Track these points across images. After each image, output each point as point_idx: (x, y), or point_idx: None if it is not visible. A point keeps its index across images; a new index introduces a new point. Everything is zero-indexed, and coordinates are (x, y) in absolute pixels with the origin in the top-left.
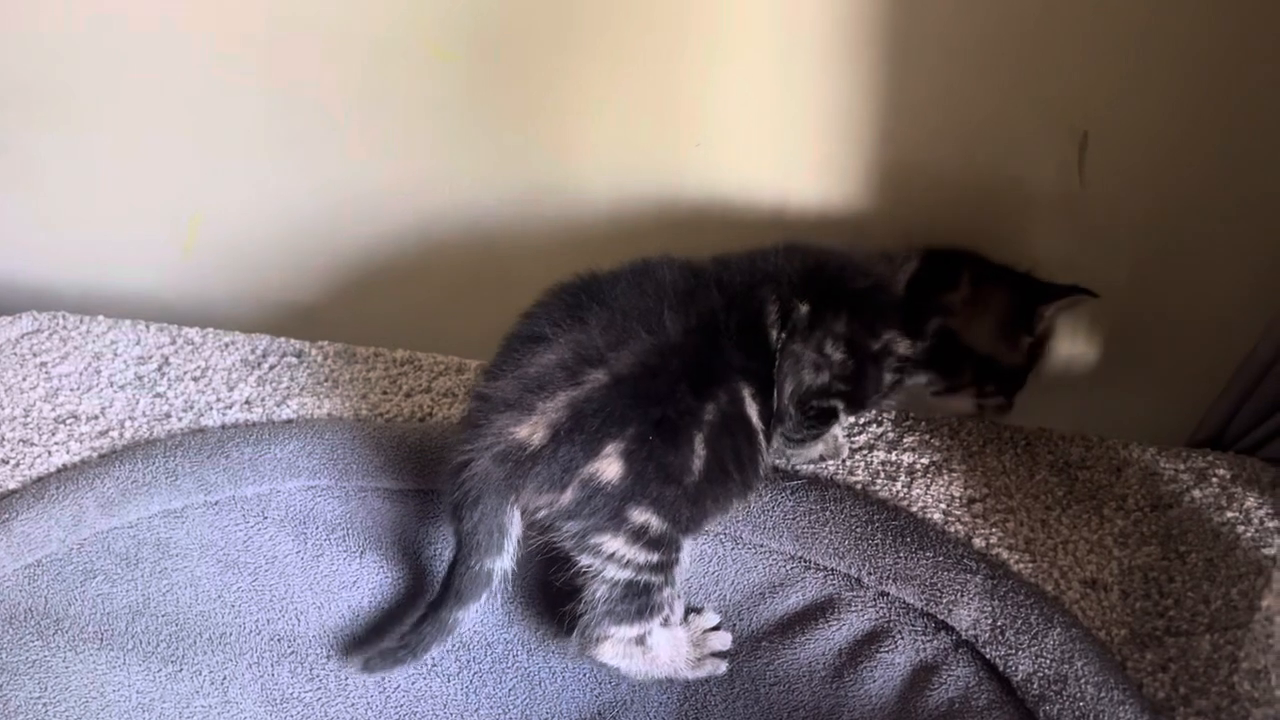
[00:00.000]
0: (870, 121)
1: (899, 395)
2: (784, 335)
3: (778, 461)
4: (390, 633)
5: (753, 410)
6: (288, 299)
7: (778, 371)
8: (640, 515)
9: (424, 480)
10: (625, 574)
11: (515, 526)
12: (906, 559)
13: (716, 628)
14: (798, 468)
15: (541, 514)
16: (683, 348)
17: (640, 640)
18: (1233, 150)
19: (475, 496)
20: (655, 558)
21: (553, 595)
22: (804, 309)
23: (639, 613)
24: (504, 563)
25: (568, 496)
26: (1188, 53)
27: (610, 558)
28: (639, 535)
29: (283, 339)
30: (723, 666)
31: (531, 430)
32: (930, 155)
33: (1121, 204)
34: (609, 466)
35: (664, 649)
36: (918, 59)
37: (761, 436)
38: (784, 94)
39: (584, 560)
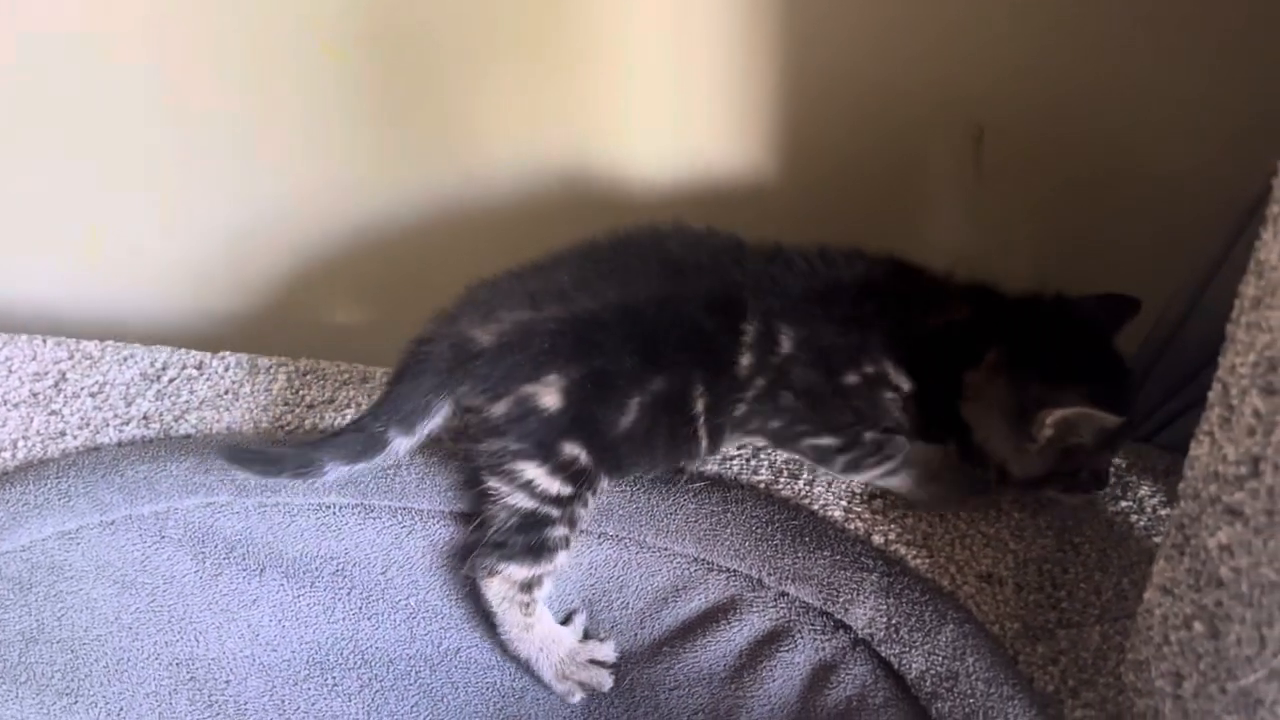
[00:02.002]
0: (772, 101)
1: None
2: (755, 365)
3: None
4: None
5: (698, 405)
6: (191, 307)
7: (747, 410)
8: (572, 449)
9: (323, 494)
10: (529, 504)
11: (436, 418)
12: (805, 558)
13: (609, 666)
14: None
15: (471, 423)
16: (641, 317)
17: (528, 589)
18: (1127, 144)
19: (419, 370)
20: (568, 490)
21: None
22: (786, 345)
23: (527, 550)
24: (405, 443)
25: (499, 409)
26: (1083, 44)
27: (523, 485)
28: (564, 468)
29: (183, 350)
30: (578, 695)
31: (484, 333)
32: (832, 137)
33: (1017, 197)
34: (548, 395)
35: (542, 629)
36: (816, 40)
37: (703, 434)
38: (684, 75)
39: (491, 483)
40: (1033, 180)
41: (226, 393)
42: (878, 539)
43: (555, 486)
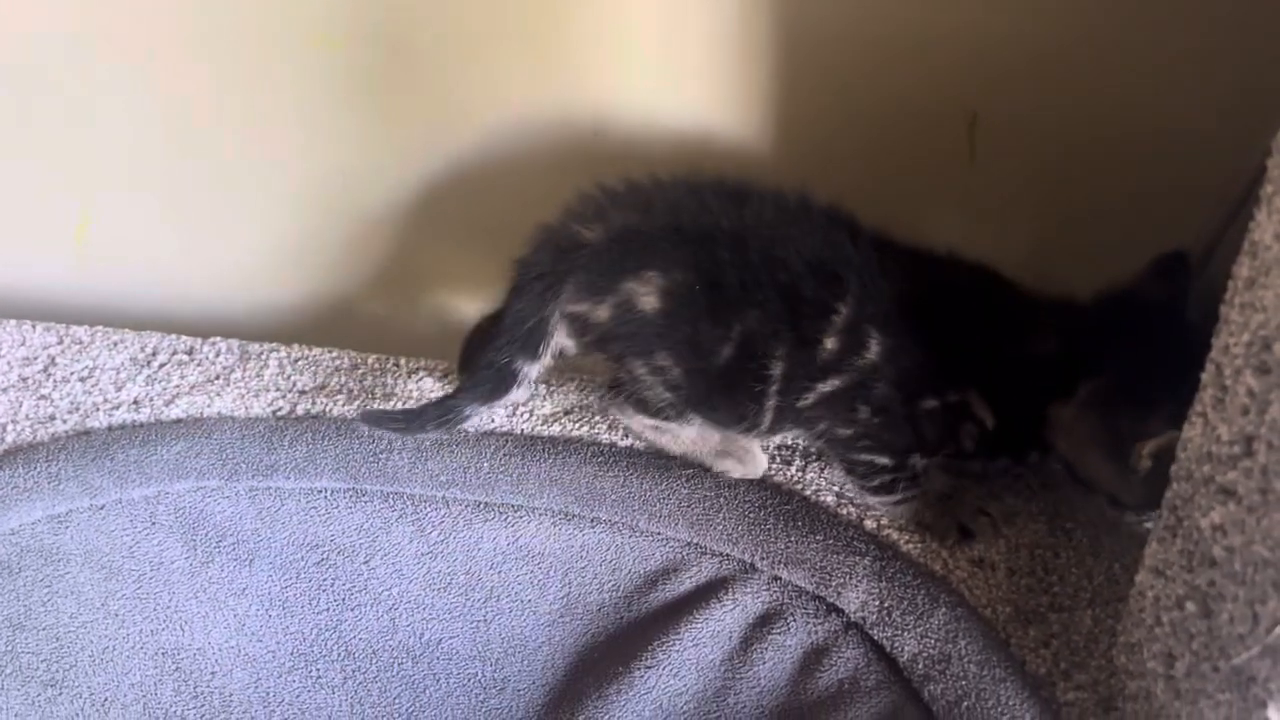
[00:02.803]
0: (766, 66)
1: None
2: (837, 356)
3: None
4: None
5: (776, 368)
6: (185, 298)
7: (815, 405)
8: (665, 360)
9: (314, 478)
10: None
11: (554, 336)
12: (798, 543)
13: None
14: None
15: (586, 337)
16: (748, 250)
17: (659, 423)
18: (1121, 125)
19: (525, 284)
20: (667, 397)
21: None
22: (873, 351)
23: (651, 410)
24: (533, 370)
25: (604, 312)
26: (1079, 21)
27: (636, 377)
28: (662, 372)
29: (173, 336)
30: (738, 470)
31: (590, 231)
32: (824, 107)
33: (1012, 181)
34: (648, 295)
35: (690, 432)
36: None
37: (770, 406)
38: (677, 40)
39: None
40: (1027, 159)
41: (217, 378)
42: (870, 524)
43: (659, 390)
